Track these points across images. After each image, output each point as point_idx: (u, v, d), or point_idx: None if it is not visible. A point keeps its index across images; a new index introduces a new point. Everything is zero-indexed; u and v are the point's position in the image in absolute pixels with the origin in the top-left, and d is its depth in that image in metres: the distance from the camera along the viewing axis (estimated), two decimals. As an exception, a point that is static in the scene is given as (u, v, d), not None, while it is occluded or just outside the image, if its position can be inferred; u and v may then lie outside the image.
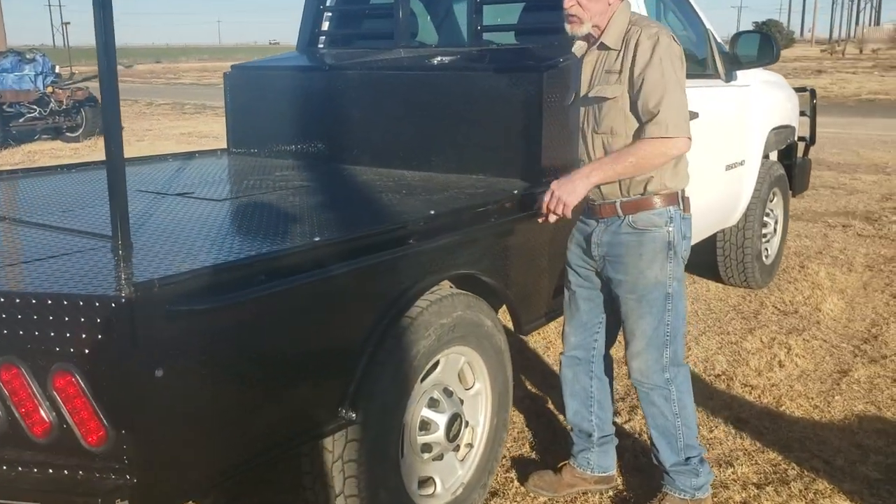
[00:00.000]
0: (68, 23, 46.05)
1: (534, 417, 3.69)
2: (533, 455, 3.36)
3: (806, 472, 3.20)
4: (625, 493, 3.08)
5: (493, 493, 3.06)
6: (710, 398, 3.92)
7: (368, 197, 3.03)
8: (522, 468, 3.24)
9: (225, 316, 1.86)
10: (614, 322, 2.91)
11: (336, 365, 2.26)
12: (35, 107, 13.39)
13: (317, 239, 2.23)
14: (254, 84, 4.21)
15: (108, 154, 2.01)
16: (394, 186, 3.21)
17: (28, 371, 1.76)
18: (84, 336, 1.71)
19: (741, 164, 4.88)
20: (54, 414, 1.77)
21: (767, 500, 3.03)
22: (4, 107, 13.13)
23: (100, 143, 14.07)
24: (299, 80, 4.04)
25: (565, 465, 3.08)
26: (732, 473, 3.22)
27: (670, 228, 2.66)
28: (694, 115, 4.09)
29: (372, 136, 3.73)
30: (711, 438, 3.50)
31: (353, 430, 2.34)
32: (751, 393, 3.97)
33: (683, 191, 2.73)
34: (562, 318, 3.12)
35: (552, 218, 2.63)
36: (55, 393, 1.75)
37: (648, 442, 2.92)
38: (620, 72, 2.59)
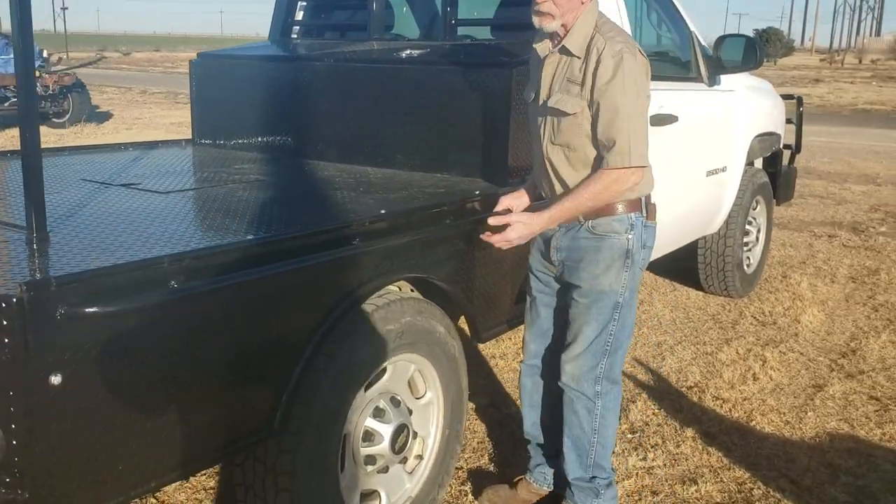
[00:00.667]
0: (66, 8, 45.57)
1: (496, 427, 3.56)
2: (491, 468, 3.23)
3: (772, 492, 3.08)
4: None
5: (446, 507, 2.93)
6: (680, 411, 3.79)
7: (321, 193, 2.90)
8: (478, 481, 3.11)
9: (131, 319, 1.72)
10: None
11: (268, 371, 2.11)
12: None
13: (249, 237, 2.09)
14: (220, 73, 4.08)
15: (23, 140, 1.87)
16: (352, 183, 3.08)
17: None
18: (-28, 338, 1.56)
19: (723, 170, 4.75)
20: (-60, 421, 1.63)
21: (730, 521, 2.91)
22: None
23: (86, 129, 14.02)
24: (266, 71, 3.90)
25: (521, 479, 2.95)
26: (696, 492, 3.10)
27: (630, 236, 2.54)
28: (673, 119, 4.00)
29: (337, 130, 3.59)
30: (678, 454, 3.38)
31: (287, 440, 2.20)
32: (722, 406, 3.84)
33: (648, 197, 2.61)
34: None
35: (499, 245, 2.56)
36: (-60, 398, 1.61)
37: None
38: (582, 85, 2.45)
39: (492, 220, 2.55)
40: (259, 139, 3.89)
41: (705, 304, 5.41)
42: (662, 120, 3.80)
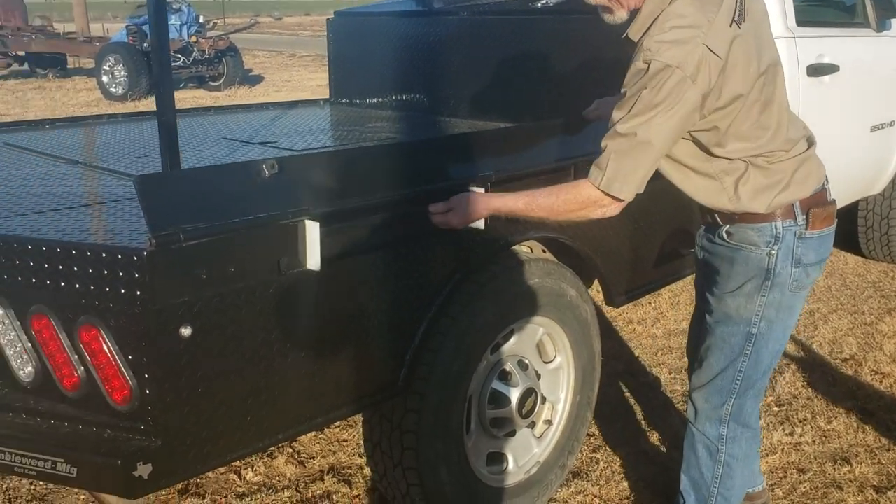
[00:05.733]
0: (223, -25, 47.50)
1: (631, 395, 3.43)
2: (624, 436, 3.12)
3: (937, 479, 2.81)
4: None
5: (575, 474, 2.86)
6: (833, 385, 3.53)
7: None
8: (610, 450, 3.02)
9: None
10: None
11: (393, 329, 2.10)
12: (179, 56, 13.87)
13: (376, 196, 2.05)
14: (356, 31, 4.08)
15: (159, 99, 1.91)
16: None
17: (57, 322, 1.70)
18: (108, 290, 1.62)
19: (890, 124, 4.33)
20: (82, 368, 1.71)
21: (887, 506, 2.68)
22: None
23: (239, 91, 14.60)
24: (400, 26, 3.86)
25: None
26: (849, 472, 2.87)
27: (773, 251, 2.01)
28: (833, 69, 3.66)
29: (471, 85, 3.52)
30: (829, 431, 3.14)
31: (412, 399, 2.19)
32: (881, 382, 3.54)
33: (819, 195, 2.04)
34: (670, 286, 2.84)
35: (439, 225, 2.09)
36: (82, 347, 1.68)
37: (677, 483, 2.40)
38: None
39: (431, 207, 2.07)
40: (394, 97, 3.88)
41: (865, 270, 5.00)
42: (821, 70, 3.49)
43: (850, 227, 5.01)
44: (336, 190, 1.93)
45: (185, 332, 1.65)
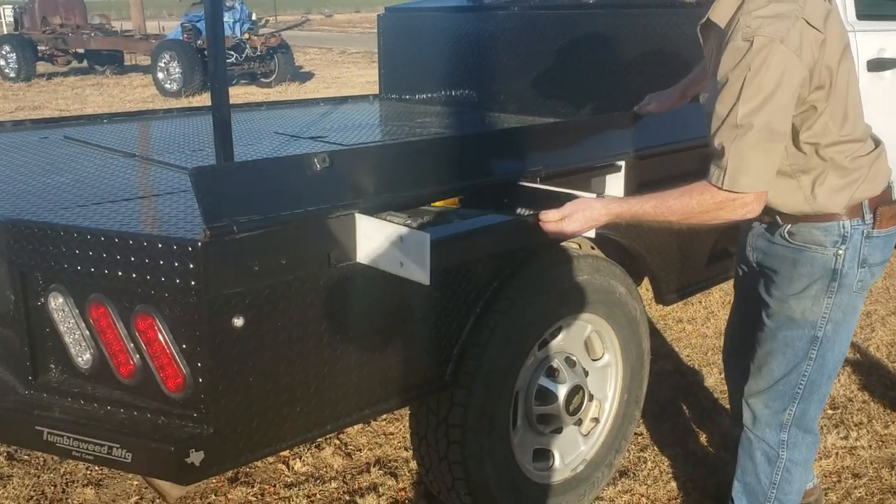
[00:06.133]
0: (276, -27, 48.10)
1: (680, 395, 3.39)
2: (673, 436, 3.08)
3: None
4: None
5: (623, 473, 2.83)
6: (891, 389, 3.43)
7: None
8: (659, 449, 2.98)
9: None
10: None
11: (441, 324, 2.10)
12: (232, 53, 14.07)
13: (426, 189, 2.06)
14: (406, 26, 4.11)
15: (214, 93, 1.94)
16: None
17: (114, 310, 1.75)
18: (163, 279, 1.66)
19: (955, 121, 4.19)
20: (138, 356, 1.75)
21: (946, 515, 2.60)
22: (205, 52, 13.94)
23: (290, 88, 14.76)
24: (449, 22, 3.87)
25: None
26: (905, 478, 2.80)
27: (840, 251, 1.93)
28: (895, 64, 3.56)
29: (520, 81, 3.52)
30: (886, 435, 3.06)
31: (459, 394, 2.19)
32: (942, 387, 3.44)
33: (886, 193, 1.97)
34: (721, 285, 2.79)
35: (553, 236, 2.00)
36: (137, 335, 1.72)
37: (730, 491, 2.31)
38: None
39: (542, 216, 1.95)
40: (443, 93, 3.89)
41: (926, 271, 4.86)
42: (882, 65, 3.40)
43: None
44: (385, 183, 1.94)
45: (238, 322, 1.68)
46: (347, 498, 2.67)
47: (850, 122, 1.89)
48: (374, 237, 1.82)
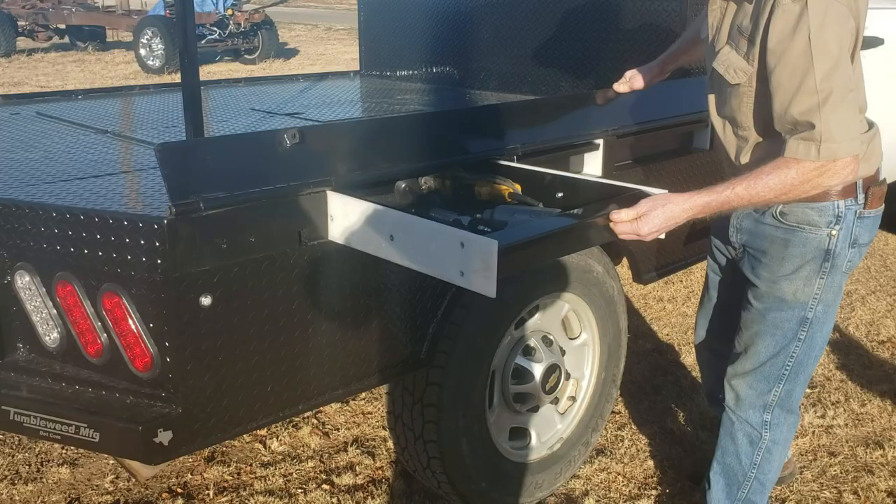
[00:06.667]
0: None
1: (659, 374, 3.39)
2: (650, 415, 3.09)
3: (973, 466, 2.75)
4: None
5: (599, 451, 2.84)
6: (868, 367, 3.46)
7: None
8: (636, 428, 2.99)
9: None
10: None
11: (416, 303, 2.09)
12: (215, 29, 13.93)
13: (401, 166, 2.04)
14: (387, 2, 4.04)
15: (183, 69, 1.90)
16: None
17: (81, 289, 1.72)
18: (129, 258, 1.63)
19: (938, 101, 4.19)
20: (105, 335, 1.72)
21: (919, 492, 2.62)
22: (176, 25, 13.76)
23: (274, 65, 14.61)
24: (431, -1, 3.82)
25: None
26: (881, 456, 2.82)
27: (834, 232, 1.90)
28: (878, 42, 3.54)
29: (500, 58, 3.48)
30: (862, 414, 3.08)
31: (434, 373, 2.18)
32: (919, 366, 3.47)
33: (876, 174, 1.95)
34: (701, 264, 2.77)
35: (626, 239, 1.86)
36: (105, 314, 1.69)
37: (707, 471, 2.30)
38: (751, 40, 1.79)
39: (615, 215, 1.79)
40: (423, 69, 3.85)
41: (907, 251, 4.89)
42: (865, 43, 3.37)
43: (891, 207, 4.87)
44: (358, 160, 1.92)
45: (206, 300, 1.65)
46: (324, 477, 2.66)
47: (857, 91, 1.83)
48: (348, 215, 1.79)
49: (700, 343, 2.47)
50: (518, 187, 2.10)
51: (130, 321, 1.67)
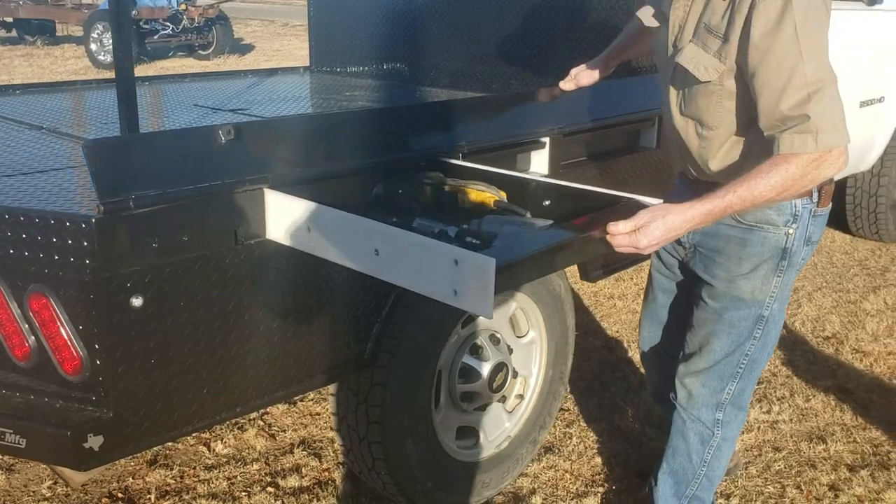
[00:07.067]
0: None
1: (608, 371, 3.41)
2: (599, 412, 3.10)
3: (912, 458, 2.80)
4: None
5: (548, 449, 2.84)
6: (814, 363, 3.51)
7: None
8: (585, 425, 2.99)
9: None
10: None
11: (359, 302, 2.06)
12: (168, 24, 13.69)
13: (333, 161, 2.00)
14: (337, -2, 4.00)
15: (118, 64, 1.85)
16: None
17: (7, 290, 1.66)
18: (57, 258, 1.58)
19: (880, 100, 4.28)
20: (33, 338, 1.67)
21: (860, 485, 2.67)
22: (140, 23, 13.52)
23: (229, 60, 14.42)
24: (381, -6, 3.79)
25: None
26: (824, 450, 2.86)
27: (790, 230, 1.91)
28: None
29: (451, 55, 3.46)
30: (807, 409, 3.13)
31: (378, 373, 2.16)
32: (862, 360, 3.53)
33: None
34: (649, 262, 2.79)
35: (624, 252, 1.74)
36: (32, 315, 1.64)
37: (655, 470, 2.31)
38: (725, 38, 1.76)
39: (612, 227, 1.67)
40: (374, 66, 3.82)
41: (852, 248, 4.98)
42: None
43: (837, 205, 4.98)
44: (297, 157, 1.88)
45: (136, 301, 1.61)
46: (269, 479, 2.62)
47: None
48: (286, 213, 1.76)
49: (645, 343, 2.47)
50: (503, 195, 2.04)
51: (59, 323, 1.62)
